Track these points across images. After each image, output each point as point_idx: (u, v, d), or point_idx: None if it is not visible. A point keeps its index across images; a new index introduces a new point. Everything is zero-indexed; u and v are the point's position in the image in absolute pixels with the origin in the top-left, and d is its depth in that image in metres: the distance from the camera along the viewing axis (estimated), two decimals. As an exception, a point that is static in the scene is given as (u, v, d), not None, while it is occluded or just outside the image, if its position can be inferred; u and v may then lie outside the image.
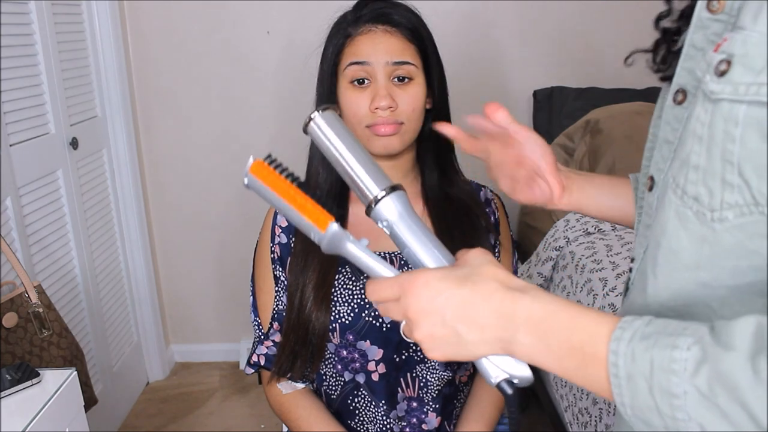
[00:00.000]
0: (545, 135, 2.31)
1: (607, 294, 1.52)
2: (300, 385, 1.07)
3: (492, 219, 1.08)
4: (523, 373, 0.52)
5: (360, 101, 0.95)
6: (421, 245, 0.58)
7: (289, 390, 1.06)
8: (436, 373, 1.03)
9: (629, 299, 0.55)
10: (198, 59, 2.29)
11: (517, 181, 0.77)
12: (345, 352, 1.02)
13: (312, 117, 0.62)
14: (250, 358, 1.10)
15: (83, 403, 1.12)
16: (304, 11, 2.23)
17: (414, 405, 1.04)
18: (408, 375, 1.03)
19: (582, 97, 2.28)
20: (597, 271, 1.62)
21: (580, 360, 0.46)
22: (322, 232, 0.57)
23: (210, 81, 2.32)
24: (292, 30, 2.26)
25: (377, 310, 0.90)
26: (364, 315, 0.99)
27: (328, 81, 0.99)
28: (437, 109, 1.01)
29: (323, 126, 0.62)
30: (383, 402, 1.03)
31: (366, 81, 0.95)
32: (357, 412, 1.06)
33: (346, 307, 0.99)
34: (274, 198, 0.58)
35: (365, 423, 1.06)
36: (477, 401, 1.07)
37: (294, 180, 0.58)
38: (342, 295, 1.00)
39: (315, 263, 1.00)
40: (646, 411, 0.42)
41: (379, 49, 0.94)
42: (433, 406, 1.04)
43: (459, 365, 1.06)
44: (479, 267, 0.52)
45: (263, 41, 2.28)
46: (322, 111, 0.62)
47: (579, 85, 2.32)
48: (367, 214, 0.60)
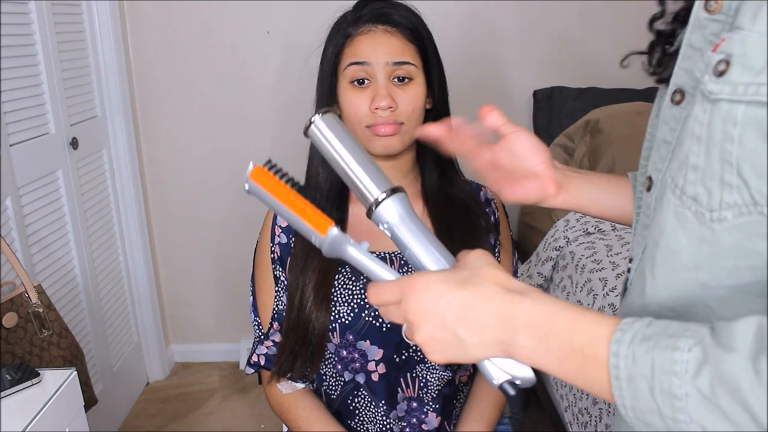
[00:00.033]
0: (545, 135, 2.31)
1: (607, 294, 1.52)
2: (300, 385, 1.07)
3: (492, 219, 1.08)
4: (525, 374, 0.52)
5: (360, 101, 0.95)
6: (422, 247, 0.58)
7: (289, 390, 1.06)
8: (436, 373, 1.03)
9: (628, 299, 0.55)
10: (198, 59, 2.29)
11: (500, 182, 0.75)
12: (345, 352, 1.02)
13: (312, 120, 0.62)
14: (250, 358, 1.10)
15: (83, 403, 1.12)
16: (304, 11, 2.23)
17: (414, 405, 1.04)
18: (408, 375, 1.03)
19: (582, 97, 2.28)
20: (597, 271, 1.62)
21: (580, 362, 0.46)
22: (322, 236, 0.57)
23: (210, 81, 2.32)
24: (292, 30, 2.26)
25: (377, 310, 0.90)
26: (364, 315, 0.99)
27: (328, 81, 0.99)
28: (437, 109, 1.01)
29: (324, 129, 0.62)
30: (383, 402, 1.03)
31: (366, 81, 0.95)
32: (357, 412, 1.06)
33: (346, 307, 0.99)
34: (274, 203, 0.58)
35: (365, 423, 1.06)
36: (477, 401, 1.07)
37: (294, 185, 0.58)
38: (342, 295, 1.00)
39: (315, 263, 1.00)
40: (647, 412, 0.42)
41: (379, 50, 0.94)
42: (433, 406, 1.04)
43: (459, 365, 1.06)
44: (479, 269, 0.52)
45: (263, 41, 2.28)
46: (322, 114, 0.62)
47: (579, 85, 2.32)
48: (368, 216, 0.60)
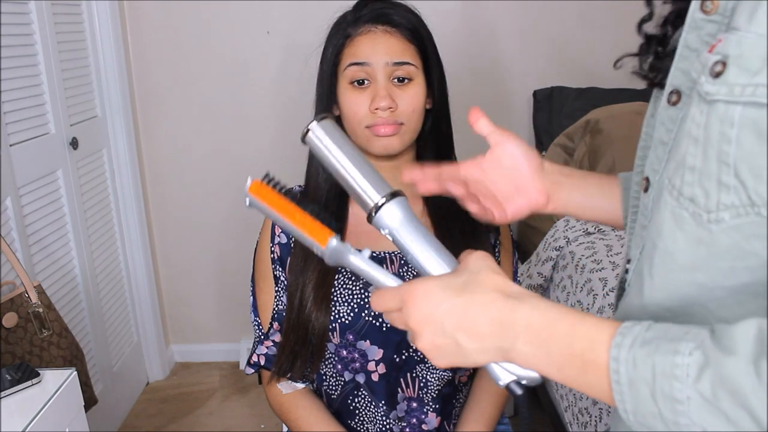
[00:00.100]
0: (545, 135, 2.31)
1: (607, 294, 1.52)
2: (300, 385, 1.07)
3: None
4: (531, 374, 0.52)
5: (360, 102, 0.95)
6: (424, 251, 0.58)
7: (289, 390, 1.06)
8: (436, 374, 1.03)
9: (626, 300, 0.55)
10: (198, 59, 2.29)
11: (492, 206, 0.74)
12: (345, 352, 1.02)
13: (309, 128, 0.62)
14: (250, 358, 1.10)
15: (83, 403, 1.12)
16: (304, 11, 2.23)
17: (414, 405, 1.04)
18: (408, 375, 1.03)
19: (582, 97, 2.28)
20: (597, 271, 1.62)
21: (580, 367, 0.46)
22: (322, 247, 0.58)
23: (210, 81, 2.32)
24: (292, 30, 2.26)
25: (377, 310, 0.90)
26: (364, 315, 0.99)
27: (327, 81, 0.99)
28: (437, 110, 1.01)
29: (321, 135, 0.62)
30: (383, 402, 1.03)
31: (366, 81, 0.95)
32: (357, 412, 1.06)
33: (346, 307, 0.99)
34: (274, 216, 0.59)
35: (365, 423, 1.06)
36: (477, 401, 1.07)
37: (293, 197, 0.59)
38: (342, 295, 1.00)
39: (315, 263, 1.00)
40: (648, 417, 0.42)
41: (379, 50, 0.94)
42: (433, 406, 1.04)
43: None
44: (478, 274, 0.52)
45: (263, 41, 2.28)
46: (319, 120, 0.62)
47: (579, 85, 2.32)
48: (369, 221, 0.60)
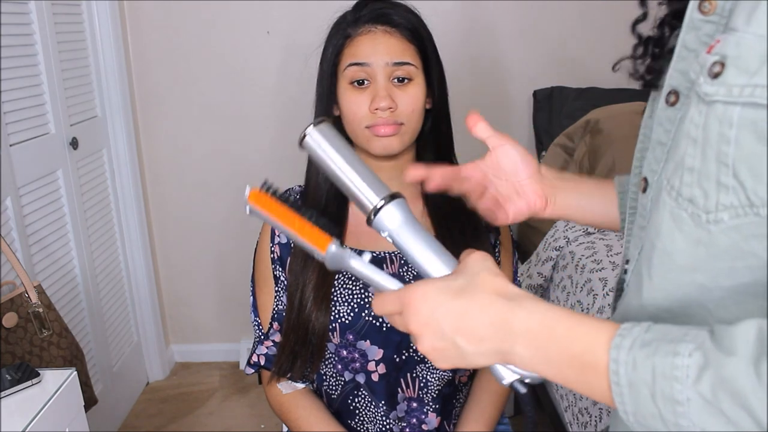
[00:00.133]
0: (545, 135, 2.31)
1: (607, 294, 1.52)
2: (300, 385, 1.07)
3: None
4: (534, 372, 0.52)
5: (360, 102, 0.95)
6: (423, 252, 0.59)
7: (289, 390, 1.06)
8: (436, 374, 1.03)
9: (625, 301, 0.55)
10: (198, 59, 2.29)
11: (492, 206, 0.75)
12: (345, 352, 1.02)
13: (307, 132, 0.62)
14: (250, 358, 1.10)
15: (83, 403, 1.13)
16: (304, 11, 2.23)
17: (414, 405, 1.04)
18: (408, 375, 1.03)
19: (582, 97, 2.28)
20: (597, 271, 1.62)
21: (579, 369, 0.46)
22: (322, 253, 0.58)
23: (210, 81, 2.32)
24: (292, 30, 2.26)
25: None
26: (364, 315, 0.99)
27: (327, 81, 0.99)
28: (437, 110, 1.01)
29: (319, 139, 0.62)
30: (383, 402, 1.03)
31: (366, 82, 0.95)
32: (357, 412, 1.06)
33: (346, 307, 0.99)
34: (274, 223, 0.59)
35: (365, 423, 1.06)
36: (477, 401, 1.07)
37: (292, 204, 0.59)
38: (342, 295, 1.00)
39: (315, 263, 1.00)
40: (648, 418, 0.42)
41: (379, 50, 0.94)
42: (433, 406, 1.04)
43: (459, 365, 1.06)
44: (476, 276, 0.52)
45: (263, 41, 2.28)
46: (316, 125, 0.62)
47: (579, 85, 2.32)
48: (368, 224, 0.60)
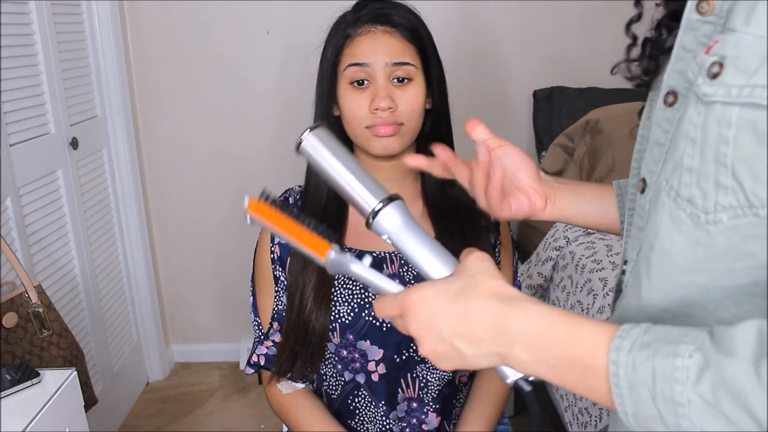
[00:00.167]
0: (545, 135, 2.31)
1: (607, 294, 1.52)
2: (300, 385, 1.07)
3: (492, 218, 1.08)
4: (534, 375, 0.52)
5: (359, 102, 0.94)
6: (423, 253, 0.59)
7: (289, 390, 1.06)
8: (436, 374, 1.03)
9: (623, 302, 0.55)
10: (198, 59, 2.29)
11: (492, 198, 0.75)
12: (345, 352, 1.02)
13: (303, 137, 0.62)
14: (250, 358, 1.10)
15: (83, 403, 1.13)
16: (304, 11, 2.23)
17: (414, 405, 1.04)
18: (408, 375, 1.03)
19: (582, 97, 2.28)
20: (597, 271, 1.62)
21: (579, 372, 0.46)
22: (322, 260, 0.59)
23: (210, 81, 2.32)
24: (292, 30, 2.26)
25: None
26: (364, 315, 0.99)
27: (327, 81, 0.99)
28: (437, 110, 1.01)
29: (316, 144, 0.62)
30: (383, 402, 1.03)
31: (365, 82, 0.95)
32: (357, 412, 1.06)
33: (346, 307, 0.99)
34: (274, 231, 0.60)
35: (365, 423, 1.06)
36: (477, 401, 1.07)
37: (291, 212, 0.59)
38: (342, 295, 1.00)
39: (315, 263, 0.99)
40: (649, 420, 0.42)
41: (379, 50, 0.94)
42: (433, 406, 1.04)
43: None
44: (474, 278, 0.52)
45: (263, 41, 2.28)
46: (312, 130, 0.62)
47: (579, 85, 2.32)
48: (367, 227, 0.60)
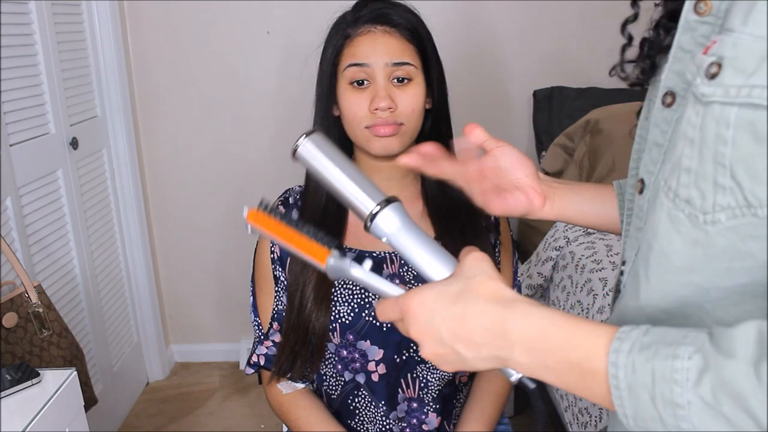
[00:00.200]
0: (545, 135, 2.31)
1: (607, 294, 1.52)
2: (300, 385, 1.07)
3: (492, 218, 1.08)
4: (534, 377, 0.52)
5: (359, 102, 0.94)
6: (422, 255, 0.59)
7: (289, 390, 1.06)
8: (436, 374, 1.03)
9: (622, 302, 0.55)
10: (198, 59, 2.29)
11: (487, 194, 0.75)
12: (345, 352, 1.02)
13: (298, 143, 0.62)
14: (250, 358, 1.10)
15: (83, 403, 1.13)
16: (304, 11, 2.23)
17: (414, 406, 1.04)
18: (408, 375, 1.03)
19: (582, 97, 2.28)
20: (597, 271, 1.62)
21: (579, 375, 0.46)
22: (322, 266, 0.59)
23: (210, 81, 2.32)
24: (292, 30, 2.26)
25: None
26: (364, 315, 0.99)
27: (327, 82, 0.99)
28: (437, 110, 1.01)
29: (312, 150, 0.62)
30: (383, 402, 1.03)
31: (365, 82, 0.95)
32: (357, 412, 1.06)
33: (346, 307, 0.99)
34: (274, 240, 0.60)
35: (365, 423, 1.06)
36: (477, 401, 1.07)
37: (289, 220, 0.60)
38: (342, 295, 1.00)
39: (315, 265, 1.00)
40: (648, 421, 0.42)
41: (379, 50, 0.94)
42: (434, 406, 1.04)
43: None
44: (472, 280, 0.52)
45: (263, 41, 2.28)
46: (307, 136, 0.63)
47: (579, 85, 2.32)
48: (366, 230, 0.60)
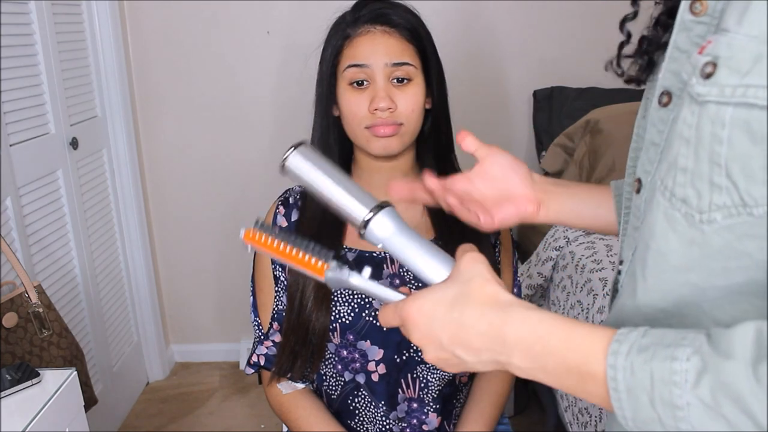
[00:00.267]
0: (545, 135, 2.31)
1: (607, 294, 1.52)
2: (300, 385, 1.07)
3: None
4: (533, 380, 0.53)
5: (359, 102, 0.94)
6: (418, 257, 0.59)
7: (289, 390, 1.06)
8: (436, 374, 1.03)
9: (619, 302, 0.55)
10: (198, 59, 2.29)
11: (473, 215, 0.74)
12: (345, 352, 1.02)
13: (286, 157, 0.63)
14: (250, 358, 1.10)
15: (83, 403, 1.13)
16: (304, 11, 2.23)
17: (414, 406, 1.04)
18: (408, 376, 1.03)
19: (582, 97, 2.28)
20: (597, 271, 1.62)
21: (578, 378, 0.46)
22: (322, 279, 0.59)
23: (210, 81, 2.32)
24: (292, 30, 2.26)
25: (378, 310, 0.90)
26: (364, 315, 0.99)
27: (327, 82, 0.99)
28: (437, 110, 1.01)
29: (300, 163, 0.63)
30: (383, 402, 1.03)
31: (365, 82, 0.95)
32: (357, 412, 1.06)
33: (346, 307, 0.99)
34: (273, 257, 0.61)
35: (365, 423, 1.06)
36: (477, 401, 1.07)
37: (285, 237, 0.60)
38: (342, 295, 1.00)
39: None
40: (648, 423, 0.42)
41: (378, 51, 0.94)
42: (434, 406, 1.04)
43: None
44: (468, 284, 0.52)
45: (263, 41, 2.28)
46: (294, 149, 0.63)
47: (579, 85, 2.32)
48: (361, 237, 0.60)
